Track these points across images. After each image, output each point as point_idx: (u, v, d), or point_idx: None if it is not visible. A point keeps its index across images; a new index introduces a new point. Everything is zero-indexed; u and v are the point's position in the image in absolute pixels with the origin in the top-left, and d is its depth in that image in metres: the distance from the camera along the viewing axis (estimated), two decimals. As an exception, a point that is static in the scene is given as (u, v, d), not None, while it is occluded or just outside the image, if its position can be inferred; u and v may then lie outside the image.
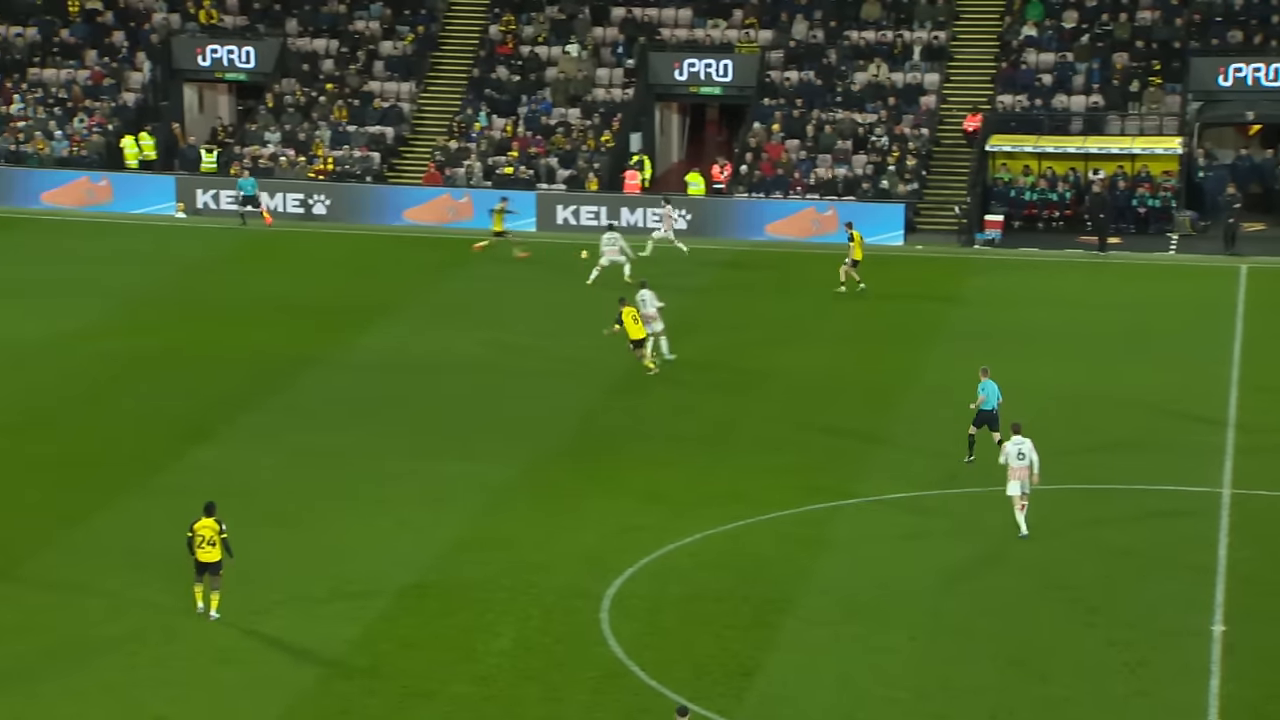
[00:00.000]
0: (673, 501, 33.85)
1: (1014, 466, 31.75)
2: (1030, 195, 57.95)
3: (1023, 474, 31.60)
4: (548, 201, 58.69)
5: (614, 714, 25.10)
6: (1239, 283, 50.38)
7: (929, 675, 26.72)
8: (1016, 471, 31.68)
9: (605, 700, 25.45)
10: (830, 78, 62.46)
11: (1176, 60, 59.95)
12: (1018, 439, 31.88)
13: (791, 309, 48.52)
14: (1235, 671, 26.56)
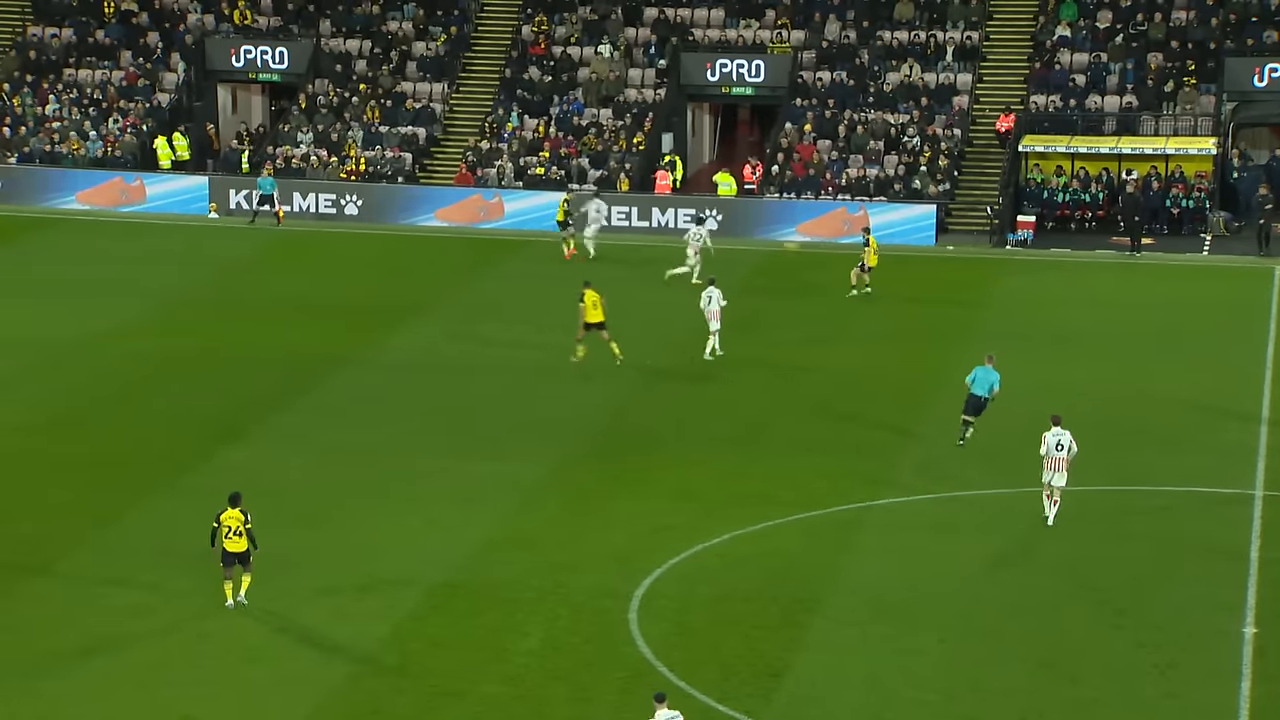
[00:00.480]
0: (703, 501, 33.86)
1: (1053, 457, 32.07)
2: (1063, 196, 57.77)
3: (1059, 464, 31.87)
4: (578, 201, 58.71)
5: (642, 714, 25.04)
6: (1273, 284, 50.16)
7: (958, 677, 26.68)
8: (1054, 462, 31.98)
9: (633, 700, 25.47)
10: (862, 78, 62.36)
11: (1211, 60, 59.71)
12: (1057, 430, 32.14)
13: (823, 309, 48.47)
14: (1266, 674, 26.44)
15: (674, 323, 46.90)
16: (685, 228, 55.46)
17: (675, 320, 47.17)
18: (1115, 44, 61.31)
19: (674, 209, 58.67)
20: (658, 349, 44.59)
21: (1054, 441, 32.05)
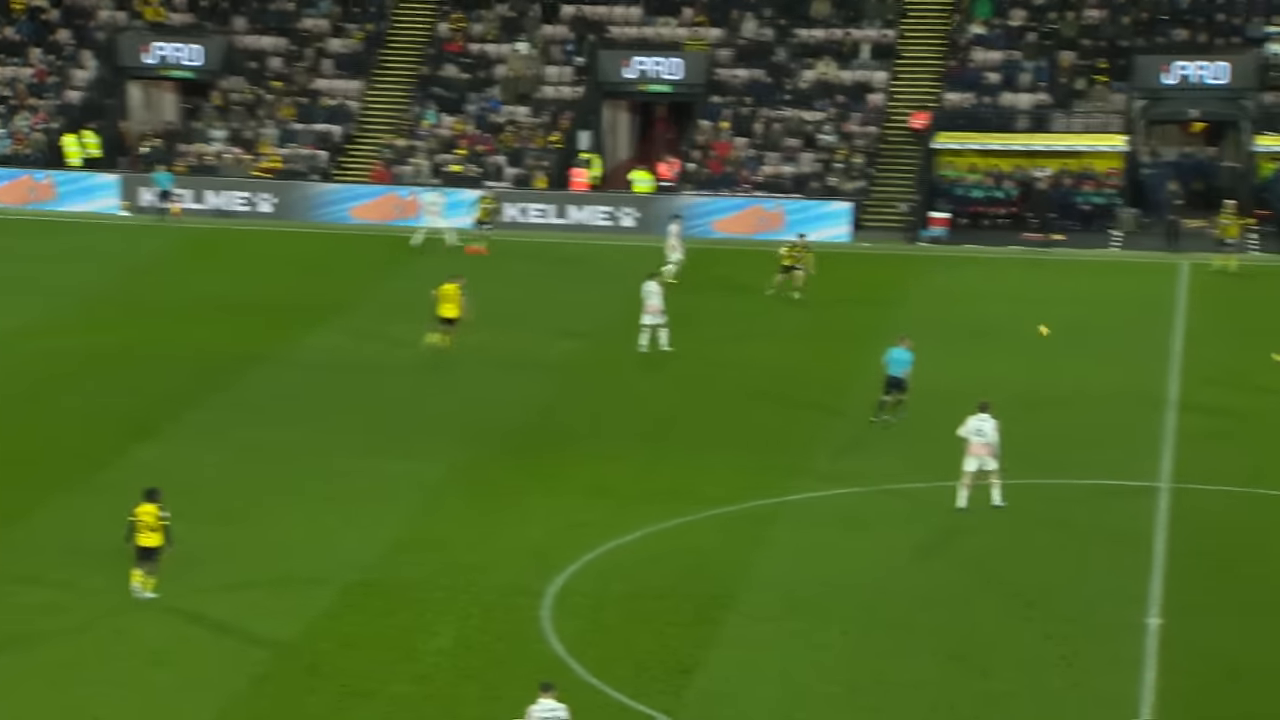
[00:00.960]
0: (617, 497, 33.97)
1: (973, 443, 32.42)
2: (976, 193, 58.32)
3: (981, 450, 32.25)
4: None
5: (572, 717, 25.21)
6: (1181, 279, 50.81)
7: (869, 670, 26.91)
8: (975, 448, 32.31)
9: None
10: (779, 75, 62.70)
11: (1122, 58, 60.42)
12: (982, 416, 32.48)
13: (739, 306, 48.70)
14: (1170, 664, 26.84)
15: (588, 319, 47.05)
16: (600, 224, 55.64)
17: (589, 317, 47.32)
18: (1028, 42, 61.93)
19: (591, 206, 58.79)
20: (572, 346, 44.70)
21: (975, 427, 32.43)
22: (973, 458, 32.56)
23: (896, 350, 37.58)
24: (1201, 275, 51.13)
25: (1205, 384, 40.64)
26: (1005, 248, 55.28)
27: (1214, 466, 35.20)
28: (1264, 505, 33.31)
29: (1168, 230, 55.01)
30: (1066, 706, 25.77)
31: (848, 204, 57.29)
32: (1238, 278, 50.41)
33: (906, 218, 56.95)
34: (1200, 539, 31.69)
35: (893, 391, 37.41)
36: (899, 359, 37.40)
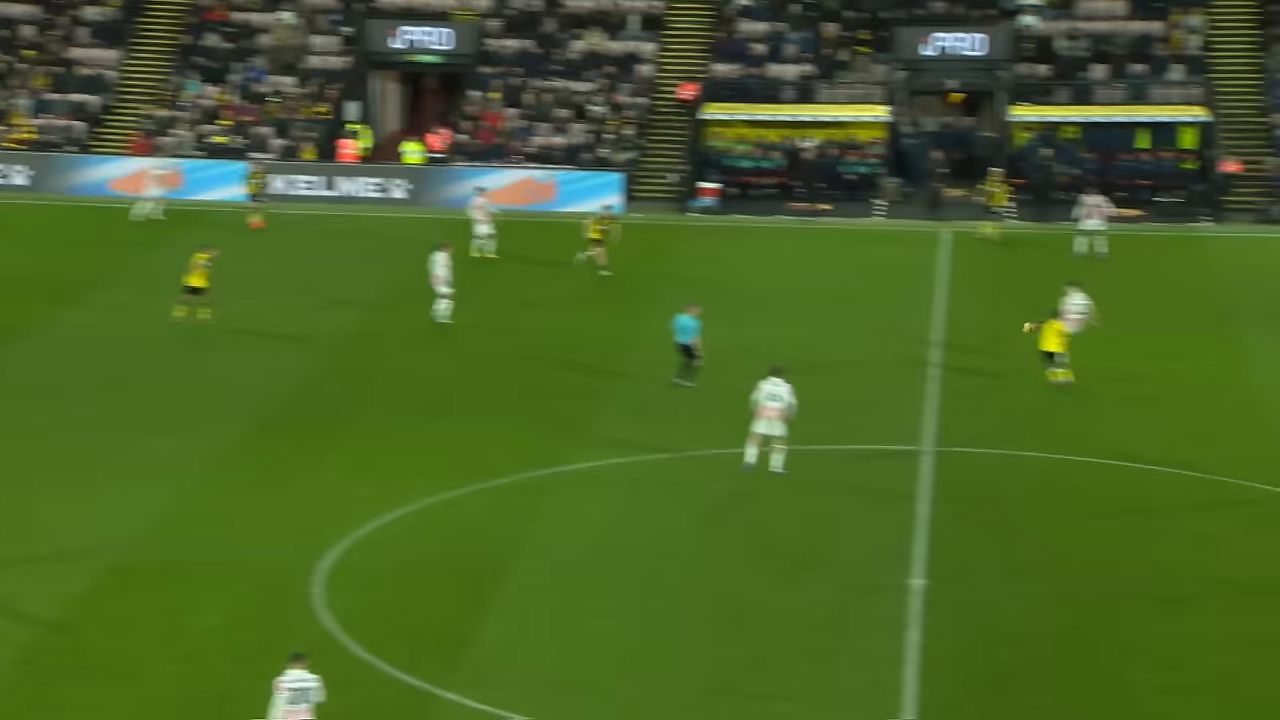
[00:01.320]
0: (389, 472, 33.71)
1: (765, 406, 32.83)
2: (744, 163, 58.92)
3: (772, 414, 32.64)
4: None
5: (326, 688, 24.93)
6: (943, 247, 51.93)
7: (644, 637, 27.08)
8: (766, 411, 32.76)
9: (318, 673, 25.13)
10: (548, 46, 62.64)
11: (883, 30, 61.48)
12: (775, 380, 32.90)
13: (513, 277, 48.57)
14: (932, 623, 27.43)
15: (359, 292, 46.62)
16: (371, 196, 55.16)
17: (360, 290, 46.90)
18: (792, 13, 62.69)
19: (360, 178, 58.19)
20: (342, 319, 44.24)
21: (769, 391, 32.87)
22: (763, 420, 33.00)
23: (684, 318, 38.01)
24: (963, 243, 52.31)
25: (967, 349, 41.59)
26: (773, 217, 55.95)
27: (976, 429, 36.06)
28: (1024, 467, 34.23)
29: (929, 199, 56.19)
30: (834, 666, 26.21)
31: (618, 174, 57.46)
32: (999, 245, 51.64)
33: (677, 188, 57.33)
34: (963, 501, 32.44)
35: (685, 355, 38.08)
36: (686, 326, 37.85)
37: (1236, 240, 52.64)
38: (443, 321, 43.20)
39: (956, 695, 25.27)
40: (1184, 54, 59.87)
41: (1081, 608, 27.99)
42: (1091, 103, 58.93)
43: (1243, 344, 41.89)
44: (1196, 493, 32.72)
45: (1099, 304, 40.65)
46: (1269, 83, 58.59)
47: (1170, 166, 57.14)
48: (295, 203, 56.77)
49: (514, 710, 24.81)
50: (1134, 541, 30.56)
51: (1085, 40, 60.63)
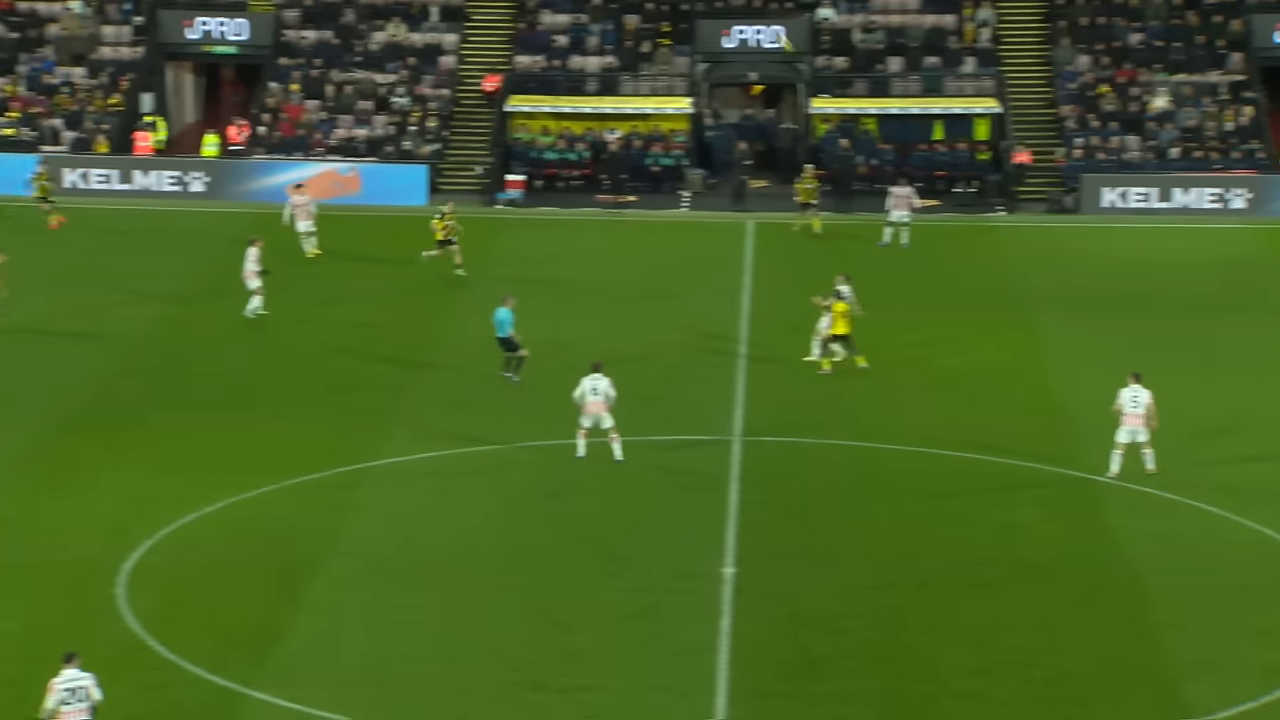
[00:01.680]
0: (193, 470, 33.09)
1: (589, 402, 33.14)
2: (550, 155, 58.81)
3: (597, 408, 33.02)
4: (54, 164, 56.31)
5: (130, 689, 24.39)
6: (748, 237, 52.33)
7: (457, 631, 26.91)
8: (590, 406, 33.14)
9: (122, 676, 24.69)
10: (348, 37, 61.92)
11: (684, 22, 61.77)
12: (596, 375, 33.32)
13: (318, 271, 47.93)
14: (744, 610, 27.65)
15: (160, 288, 45.73)
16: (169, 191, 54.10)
17: (161, 285, 46.02)
18: (594, 5, 62.72)
19: (156, 171, 56.99)
20: (142, 316, 43.35)
21: (590, 387, 33.16)
22: (589, 415, 33.26)
23: (501, 311, 37.86)
24: (767, 233, 52.75)
25: (774, 339, 41.89)
26: (580, 209, 55.93)
27: (784, 418, 36.35)
28: (832, 454, 34.60)
29: (734, 190, 56.59)
30: (648, 656, 26.27)
31: (423, 167, 57.02)
32: (805, 236, 51.99)
33: (483, 180, 57.05)
34: (773, 489, 32.70)
35: (507, 350, 37.80)
36: (504, 319, 37.71)
37: (1029, 229, 53.80)
38: (253, 316, 42.48)
39: (768, 681, 25.47)
40: (976, 47, 61.05)
41: (891, 592, 28.39)
42: (888, 95, 59.81)
43: (1038, 331, 42.82)
44: (998, 477, 33.36)
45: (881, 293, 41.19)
46: (1057, 75, 59.98)
47: (965, 157, 58.22)
48: (90, 197, 55.41)
49: (325, 708, 24.50)
50: (940, 526, 31.07)
51: (881, 33, 61.53)
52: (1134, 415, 32.69)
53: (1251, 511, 31.49)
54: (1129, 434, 32.84)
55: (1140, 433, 32.80)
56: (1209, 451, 34.38)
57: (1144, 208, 55.17)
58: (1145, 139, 57.81)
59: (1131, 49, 60.44)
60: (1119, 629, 27.07)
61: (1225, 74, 59.47)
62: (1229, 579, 28.93)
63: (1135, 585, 28.68)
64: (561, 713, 24.68)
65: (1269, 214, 54.55)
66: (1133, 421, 32.71)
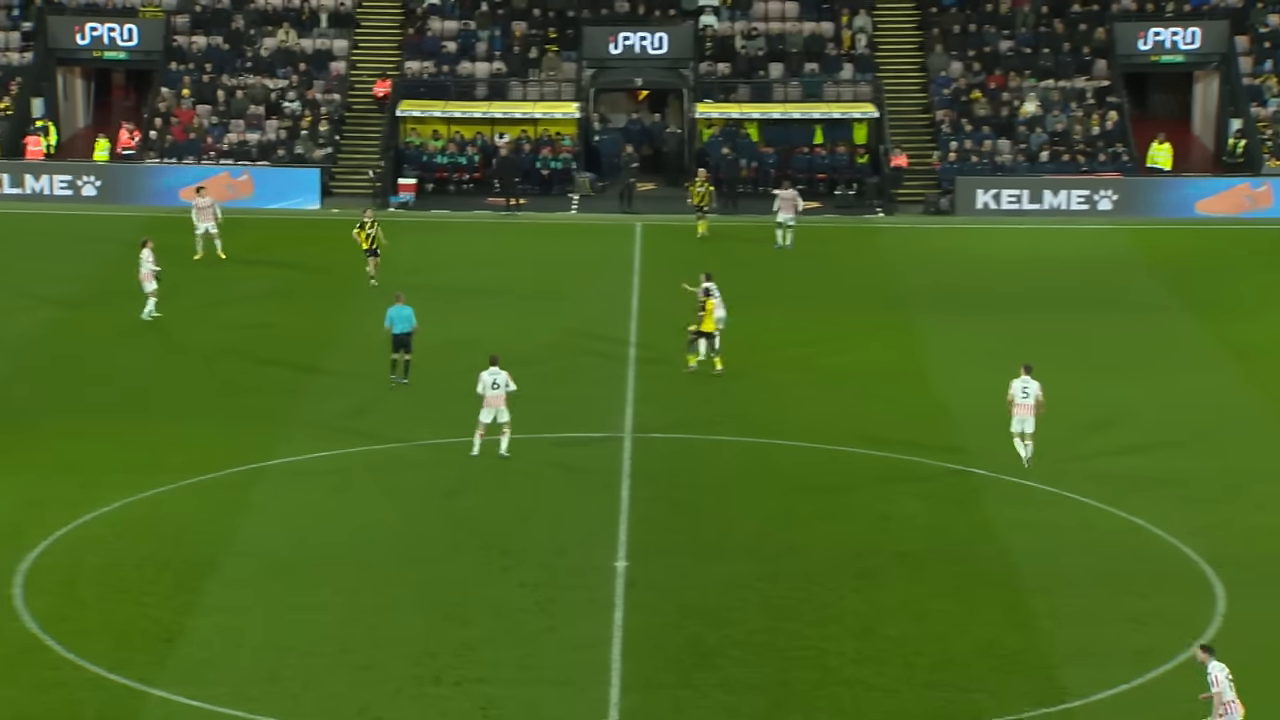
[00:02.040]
0: (88, 471, 32.69)
1: (489, 395, 33.31)
2: (441, 159, 58.60)
3: (497, 402, 33.19)
4: None
5: (26, 688, 24.10)
6: (636, 239, 52.42)
7: (354, 627, 26.78)
8: (490, 400, 33.28)
9: (18, 675, 24.42)
10: (239, 43, 61.32)
11: (571, 29, 61.79)
12: (495, 369, 33.41)
13: (214, 274, 47.38)
14: (635, 603, 27.74)
15: (53, 292, 45.07)
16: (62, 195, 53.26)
17: (54, 289, 45.36)
18: (482, 12, 62.56)
19: (48, 175, 56.18)
20: (34, 320, 42.71)
21: (490, 381, 33.33)
22: (488, 409, 33.37)
23: (395, 308, 37.54)
24: (654, 234, 52.82)
25: (663, 339, 41.94)
26: (472, 212, 55.78)
27: (674, 415, 36.46)
28: (722, 451, 34.74)
29: (622, 193, 56.69)
30: (542, 648, 26.31)
31: (315, 170, 56.60)
32: (702, 239, 51.97)
33: (375, 184, 56.72)
34: (664, 485, 32.79)
35: (400, 350, 37.37)
36: (401, 316, 37.40)
37: (907, 230, 54.34)
38: (149, 319, 41.96)
39: (659, 672, 25.60)
40: (854, 54, 61.55)
41: (778, 584, 28.59)
42: (770, 100, 60.17)
43: (917, 328, 43.25)
44: (881, 471, 33.67)
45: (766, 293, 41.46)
46: (931, 81, 60.63)
47: (844, 161, 58.66)
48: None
49: (226, 705, 24.31)
50: (827, 520, 31.32)
51: (762, 40, 61.88)
52: (1024, 405, 33.28)
53: (1123, 502, 32.04)
54: (1019, 423, 33.37)
55: (1028, 422, 33.35)
56: (1081, 444, 34.92)
57: (1016, 209, 55.89)
58: (1016, 143, 58.56)
59: (1002, 56, 61.20)
60: (996, 617, 27.45)
61: (1091, 80, 60.39)
62: (1102, 567, 29.41)
63: (1012, 574, 29.09)
64: (459, 704, 24.67)
65: (1134, 214, 55.45)
66: (1022, 411, 33.28)
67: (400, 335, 37.41)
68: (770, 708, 24.69)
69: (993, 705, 24.75)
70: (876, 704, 24.82)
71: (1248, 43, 60.53)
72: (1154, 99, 65.74)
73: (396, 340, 37.45)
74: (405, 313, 37.41)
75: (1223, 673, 22.91)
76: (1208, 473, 33.65)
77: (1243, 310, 44.68)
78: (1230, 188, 55.88)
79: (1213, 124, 61.33)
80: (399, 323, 37.38)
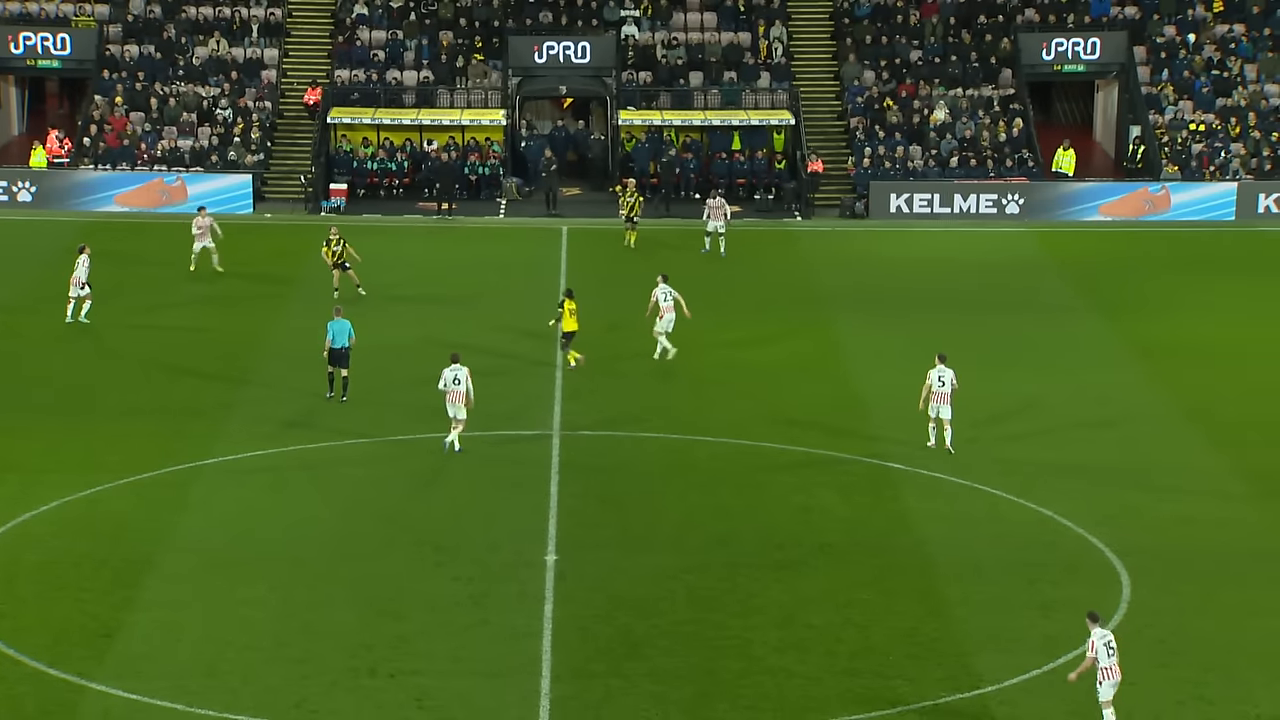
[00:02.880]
0: (25, 470, 32.28)
1: (451, 391, 33.33)
2: (371, 165, 58.25)
3: (457, 398, 33.27)
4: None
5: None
6: (562, 241, 52.31)
7: (290, 622, 26.56)
8: (452, 396, 33.37)
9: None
10: (171, 52, 60.75)
11: (496, 38, 61.61)
12: (455, 367, 33.47)
13: (145, 278, 46.87)
14: (565, 596, 27.67)
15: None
16: None
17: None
18: (410, 22, 62.27)
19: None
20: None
21: (451, 376, 33.38)
22: (450, 405, 33.46)
23: (334, 322, 35.91)
24: (579, 238, 52.75)
25: (589, 339, 41.86)
26: (403, 217, 55.48)
27: (600, 414, 36.38)
28: (647, 447, 34.69)
29: (547, 197, 56.58)
30: (475, 641, 26.19)
31: (248, 176, 56.13)
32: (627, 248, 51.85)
33: (306, 189, 56.31)
34: (592, 481, 32.71)
35: (337, 364, 35.89)
36: (340, 330, 35.82)
37: (824, 233, 54.53)
38: (81, 322, 41.48)
39: (589, 662, 25.54)
40: (771, 63, 61.70)
41: (705, 576, 28.59)
42: (690, 108, 60.21)
43: (835, 327, 43.40)
44: (801, 465, 33.74)
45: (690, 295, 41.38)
46: (845, 89, 60.87)
47: (763, 166, 58.80)
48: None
49: (165, 698, 24.06)
50: (749, 512, 31.35)
51: (682, 49, 61.91)
52: (940, 394, 33.58)
53: (1031, 493, 32.27)
54: (934, 410, 33.61)
55: (945, 409, 33.63)
56: (992, 438, 35.15)
57: (928, 212, 56.22)
58: (927, 149, 58.89)
59: (912, 65, 61.55)
60: (913, 606, 27.56)
61: (997, 89, 60.84)
62: (1012, 557, 29.61)
63: (928, 564, 29.23)
64: (394, 696, 24.52)
65: (1040, 218, 55.91)
66: (938, 400, 33.56)
67: (337, 350, 35.80)
68: (697, 696, 24.69)
69: (911, 691, 24.86)
70: (800, 691, 24.86)
71: (1145, 53, 61.18)
72: (1057, 107, 66.35)
73: (333, 354, 35.89)
74: (344, 326, 35.93)
75: (1100, 639, 23.34)
76: (1113, 465, 33.96)
77: (1146, 310, 45.14)
78: (1131, 192, 56.45)
79: (1113, 131, 61.96)
80: (337, 336, 35.86)
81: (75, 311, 41.68)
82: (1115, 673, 23.32)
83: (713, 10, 63.03)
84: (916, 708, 24.36)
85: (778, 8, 62.95)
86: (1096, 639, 23.36)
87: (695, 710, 24.34)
